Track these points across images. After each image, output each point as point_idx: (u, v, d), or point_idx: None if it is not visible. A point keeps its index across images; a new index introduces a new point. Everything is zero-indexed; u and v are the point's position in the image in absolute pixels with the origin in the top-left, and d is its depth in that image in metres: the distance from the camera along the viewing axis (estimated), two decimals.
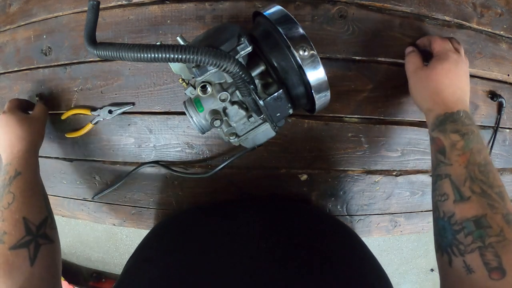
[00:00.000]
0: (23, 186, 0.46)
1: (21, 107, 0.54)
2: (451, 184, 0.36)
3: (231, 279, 0.33)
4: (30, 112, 0.56)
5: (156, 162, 0.56)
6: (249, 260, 0.36)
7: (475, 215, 0.33)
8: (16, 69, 0.61)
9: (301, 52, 0.34)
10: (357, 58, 0.50)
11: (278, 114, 0.39)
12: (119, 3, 0.52)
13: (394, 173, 0.57)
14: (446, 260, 0.35)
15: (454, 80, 0.42)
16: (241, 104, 0.40)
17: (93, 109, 0.56)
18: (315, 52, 0.35)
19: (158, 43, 0.28)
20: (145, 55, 0.28)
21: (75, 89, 0.57)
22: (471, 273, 0.32)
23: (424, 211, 0.61)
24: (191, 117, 0.40)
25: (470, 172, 0.35)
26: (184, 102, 0.41)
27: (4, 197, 0.45)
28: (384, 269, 0.41)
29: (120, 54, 0.28)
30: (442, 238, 0.36)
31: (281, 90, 0.37)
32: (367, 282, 0.36)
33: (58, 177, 0.63)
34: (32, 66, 0.59)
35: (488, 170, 0.35)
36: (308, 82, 0.36)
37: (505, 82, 0.56)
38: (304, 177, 0.56)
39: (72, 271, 1.74)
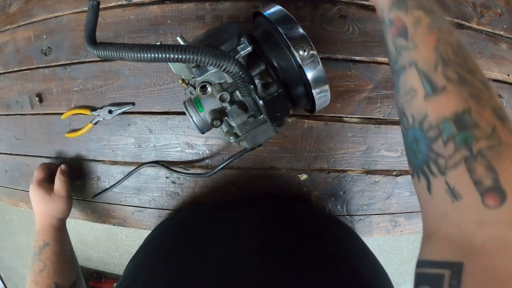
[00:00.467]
0: (52, 256, 0.50)
1: (47, 178, 0.57)
2: (418, 74, 0.26)
3: (230, 281, 0.33)
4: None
5: (156, 162, 0.56)
6: (249, 261, 0.36)
7: (454, 112, 0.23)
8: (16, 69, 0.61)
9: (301, 52, 0.34)
10: (357, 58, 0.50)
11: (278, 114, 0.39)
12: (119, 3, 0.52)
13: (394, 173, 0.56)
14: (424, 186, 0.26)
15: None
16: (241, 104, 0.40)
17: (93, 109, 0.56)
18: (315, 52, 0.35)
19: (158, 43, 0.28)
20: (145, 55, 0.28)
21: (75, 89, 0.57)
22: (458, 199, 0.23)
23: None
24: (191, 117, 0.40)
25: (441, 54, 0.25)
26: (184, 102, 0.41)
27: (36, 263, 0.50)
28: (384, 268, 0.41)
29: (120, 54, 0.28)
30: (415, 155, 0.26)
31: (281, 90, 0.37)
32: (366, 281, 0.36)
33: None
34: (32, 66, 0.59)
35: (464, 53, 0.26)
36: (308, 82, 0.36)
37: (505, 82, 0.56)
38: (304, 177, 0.56)
39: None
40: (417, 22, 0.28)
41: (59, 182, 0.55)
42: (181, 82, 0.40)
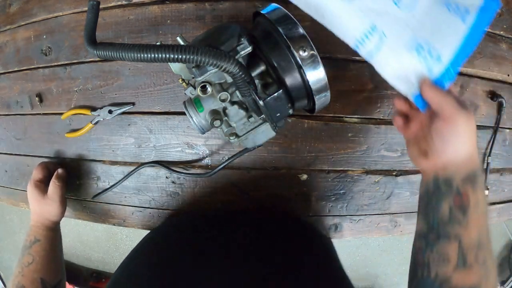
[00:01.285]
0: (42, 252, 0.52)
1: (45, 179, 0.57)
2: (458, 249, 0.32)
3: None
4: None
5: (156, 162, 0.56)
6: (232, 276, 0.37)
7: (470, 286, 0.31)
8: (16, 69, 0.61)
9: (301, 52, 0.34)
10: (357, 58, 0.50)
11: (278, 114, 0.39)
12: (119, 3, 0.52)
13: (394, 173, 0.56)
14: None
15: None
16: (241, 104, 0.40)
17: (93, 109, 0.56)
18: (315, 52, 0.35)
19: (158, 43, 0.28)
20: (145, 55, 0.28)
21: (75, 89, 0.57)
22: None
23: None
24: (191, 117, 0.40)
25: (480, 238, 0.32)
26: (184, 102, 0.41)
27: (25, 256, 0.51)
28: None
29: (120, 54, 0.28)
30: None
31: (281, 90, 0.37)
32: None
33: None
34: (32, 66, 0.59)
35: (489, 235, 0.33)
36: (308, 82, 0.36)
37: (505, 82, 0.56)
38: (304, 177, 0.56)
39: (72, 271, 1.74)
40: (477, 203, 0.33)
41: (52, 187, 0.55)
42: (181, 82, 0.40)
